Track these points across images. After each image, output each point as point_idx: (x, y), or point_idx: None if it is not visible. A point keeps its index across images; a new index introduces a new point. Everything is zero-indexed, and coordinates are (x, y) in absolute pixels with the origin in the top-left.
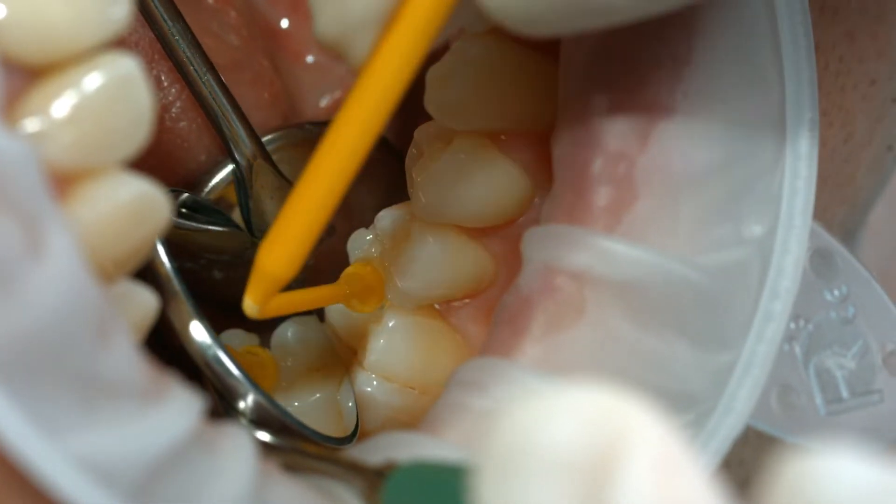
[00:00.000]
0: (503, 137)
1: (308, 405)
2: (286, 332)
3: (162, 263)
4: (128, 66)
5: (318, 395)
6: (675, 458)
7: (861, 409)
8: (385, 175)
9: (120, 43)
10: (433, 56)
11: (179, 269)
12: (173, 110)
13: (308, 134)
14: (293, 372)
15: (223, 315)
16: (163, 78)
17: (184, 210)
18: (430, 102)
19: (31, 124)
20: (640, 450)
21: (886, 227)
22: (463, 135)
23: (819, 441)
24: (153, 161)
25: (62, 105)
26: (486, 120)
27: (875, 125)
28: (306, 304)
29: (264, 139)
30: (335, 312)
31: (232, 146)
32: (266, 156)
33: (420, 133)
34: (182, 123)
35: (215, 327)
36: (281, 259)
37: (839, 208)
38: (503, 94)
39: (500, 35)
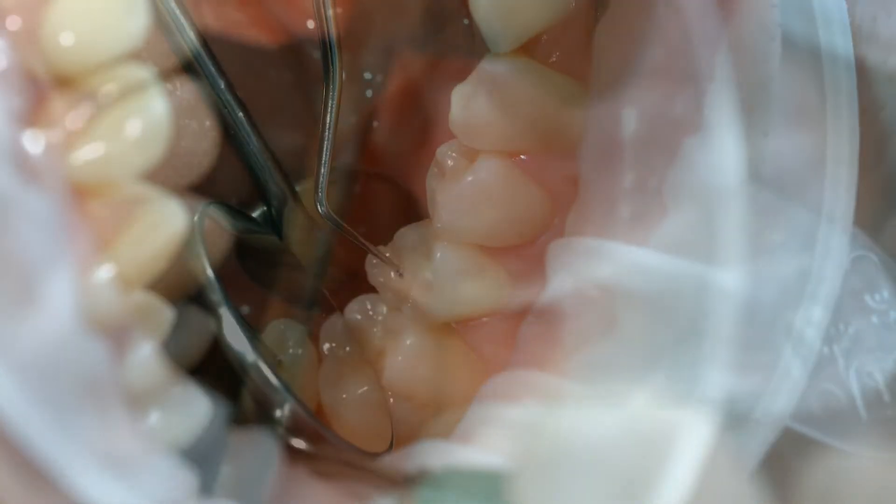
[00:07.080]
0: (525, 157)
1: (355, 397)
2: (336, 324)
3: (204, 271)
4: (144, 79)
5: (365, 387)
6: (715, 460)
7: None
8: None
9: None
10: (458, 75)
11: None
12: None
13: (338, 177)
14: (342, 363)
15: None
16: (208, 124)
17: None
18: (454, 122)
19: (50, 136)
20: (681, 451)
21: None
22: (485, 154)
23: (859, 443)
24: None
25: (79, 117)
26: (509, 140)
27: None
28: None
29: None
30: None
31: (264, 190)
32: (297, 199)
33: (442, 152)
34: (223, 171)
35: (263, 317)
36: None
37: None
38: (526, 114)
39: (523, 55)
